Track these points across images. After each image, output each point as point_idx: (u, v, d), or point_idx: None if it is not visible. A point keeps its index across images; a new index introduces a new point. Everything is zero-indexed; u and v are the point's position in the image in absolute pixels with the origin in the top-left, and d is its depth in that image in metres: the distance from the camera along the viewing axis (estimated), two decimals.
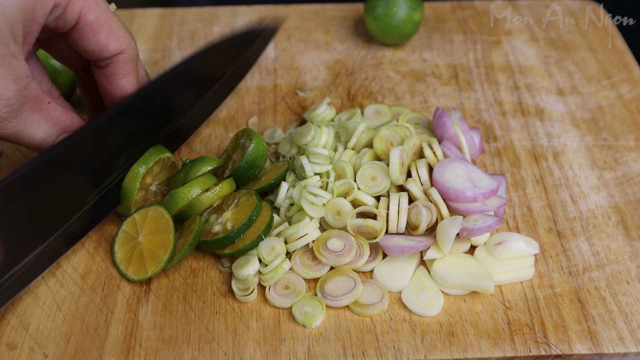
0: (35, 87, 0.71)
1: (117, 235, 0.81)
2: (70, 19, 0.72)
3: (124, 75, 0.79)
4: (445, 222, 0.78)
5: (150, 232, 0.79)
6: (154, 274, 0.77)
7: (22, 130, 0.72)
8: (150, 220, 0.80)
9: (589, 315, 0.76)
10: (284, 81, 1.05)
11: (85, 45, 0.75)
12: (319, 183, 0.83)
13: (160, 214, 0.79)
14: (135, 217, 0.81)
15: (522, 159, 0.93)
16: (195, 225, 0.78)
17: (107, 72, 0.78)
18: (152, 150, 0.82)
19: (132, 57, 0.79)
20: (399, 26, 1.05)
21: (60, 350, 0.73)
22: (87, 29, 0.73)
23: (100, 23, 0.74)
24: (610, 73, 1.07)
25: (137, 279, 0.78)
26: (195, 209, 0.81)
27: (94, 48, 0.75)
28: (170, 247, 0.77)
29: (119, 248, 0.80)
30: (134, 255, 0.79)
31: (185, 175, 0.83)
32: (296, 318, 0.75)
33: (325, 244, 0.79)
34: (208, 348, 0.73)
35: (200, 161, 0.84)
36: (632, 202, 0.88)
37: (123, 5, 1.20)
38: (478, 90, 1.04)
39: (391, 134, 0.86)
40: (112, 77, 0.78)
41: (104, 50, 0.76)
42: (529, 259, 0.80)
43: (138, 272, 0.78)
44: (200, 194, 0.80)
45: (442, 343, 0.74)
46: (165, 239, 0.78)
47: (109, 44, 0.75)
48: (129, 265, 0.79)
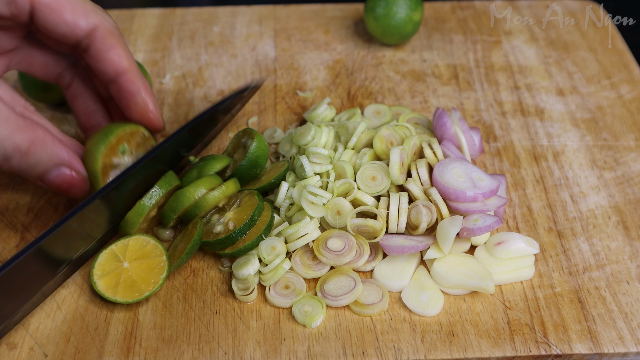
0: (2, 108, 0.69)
1: (93, 267, 0.77)
2: (22, 2, 0.70)
3: (109, 49, 0.76)
4: (445, 222, 0.78)
5: (137, 258, 0.77)
6: (152, 292, 0.75)
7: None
8: (133, 249, 0.78)
9: (589, 315, 0.77)
10: (284, 81, 1.05)
11: (54, 28, 0.73)
12: (319, 183, 0.83)
13: (144, 240, 0.78)
14: (113, 249, 0.78)
15: (522, 159, 0.93)
16: (195, 231, 0.78)
17: (91, 52, 0.76)
18: (161, 184, 0.80)
19: (110, 30, 0.76)
20: (399, 26, 1.05)
21: (60, 350, 0.73)
22: (46, 9, 0.72)
23: (59, 1, 0.72)
24: (610, 73, 1.07)
25: (132, 301, 0.75)
26: (201, 209, 0.80)
27: (64, 29, 0.73)
28: (166, 267, 0.76)
29: (99, 278, 0.76)
30: (122, 281, 0.76)
31: (198, 173, 0.83)
32: (296, 318, 0.75)
33: (325, 244, 0.79)
34: (208, 348, 0.73)
35: (212, 160, 0.84)
36: (632, 202, 0.88)
37: (123, 5, 1.20)
38: (478, 90, 1.04)
39: (391, 134, 0.86)
40: (98, 54, 0.76)
41: (76, 28, 0.74)
42: (529, 258, 0.80)
43: (130, 295, 0.75)
44: (206, 193, 0.80)
45: (442, 343, 0.74)
46: (158, 261, 0.77)
47: (78, 21, 0.74)
48: (117, 292, 0.75)
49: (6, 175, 0.90)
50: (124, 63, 0.78)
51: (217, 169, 0.83)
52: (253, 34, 1.13)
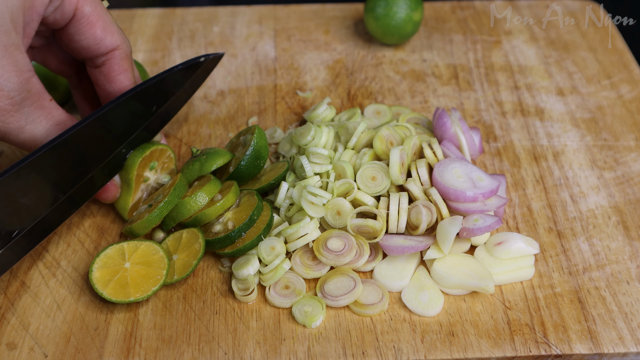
0: (37, 82, 0.71)
1: (98, 256, 0.78)
2: (68, 10, 0.72)
3: (121, 72, 0.79)
4: (445, 222, 0.78)
5: (140, 262, 0.77)
6: (137, 299, 0.75)
7: (24, 126, 0.71)
8: (142, 253, 0.78)
9: (589, 315, 0.77)
10: (284, 81, 1.05)
11: (82, 39, 0.75)
12: (319, 183, 0.83)
13: (154, 249, 0.78)
14: (124, 246, 0.79)
15: (522, 159, 0.93)
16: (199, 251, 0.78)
17: (104, 69, 0.78)
18: (171, 197, 0.80)
19: (127, 53, 0.79)
20: (399, 26, 1.05)
21: (60, 350, 0.73)
22: (83, 21, 0.74)
23: (96, 16, 0.74)
24: (610, 73, 1.07)
25: (115, 300, 0.75)
26: (201, 222, 0.81)
27: (90, 42, 0.76)
28: (161, 282, 0.76)
29: (98, 269, 0.77)
30: (116, 279, 0.76)
31: (200, 167, 0.83)
32: (296, 318, 0.75)
33: (325, 244, 0.79)
34: (208, 348, 0.73)
35: (215, 154, 0.84)
36: (632, 202, 0.88)
37: (123, 5, 1.20)
38: (478, 90, 1.04)
39: (391, 134, 0.86)
40: (110, 74, 0.79)
41: (101, 44, 0.76)
42: (529, 258, 0.80)
43: (117, 294, 0.75)
44: (206, 207, 0.80)
45: (442, 343, 0.74)
46: (156, 273, 0.76)
47: (105, 38, 0.76)
48: (106, 286, 0.75)
49: None
50: (129, 86, 0.80)
51: (219, 164, 0.83)
52: (253, 34, 1.13)
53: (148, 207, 0.81)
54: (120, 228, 0.84)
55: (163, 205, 0.79)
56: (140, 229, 0.79)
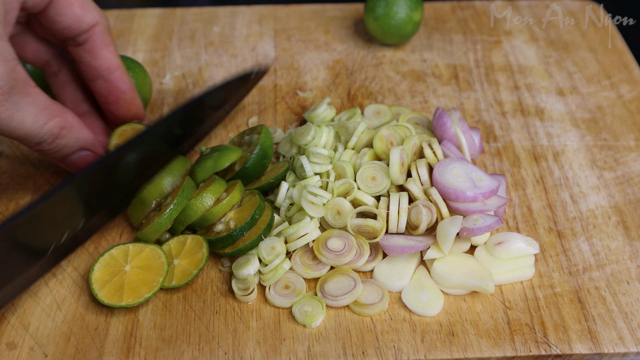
0: (21, 70, 0.71)
1: (102, 255, 0.78)
2: None
3: (104, 46, 0.80)
4: (445, 222, 0.78)
5: (140, 266, 0.77)
6: (128, 305, 0.74)
7: (13, 114, 0.71)
8: (145, 257, 0.78)
9: (589, 315, 0.77)
10: (284, 81, 1.05)
11: (62, 20, 0.76)
12: (319, 183, 0.83)
13: (158, 254, 0.78)
14: (129, 247, 0.79)
15: (522, 159, 0.93)
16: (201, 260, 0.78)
17: (87, 46, 0.79)
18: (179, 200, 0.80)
19: (107, 27, 0.80)
20: (399, 26, 1.05)
21: (60, 350, 0.73)
22: (62, 1, 0.75)
23: None
24: (610, 73, 1.07)
25: (108, 303, 0.74)
26: (208, 221, 0.81)
27: (71, 21, 0.77)
28: (155, 289, 0.75)
29: (100, 268, 0.77)
30: (114, 281, 0.76)
31: (214, 164, 0.83)
32: (296, 318, 0.75)
33: (325, 244, 0.79)
34: (208, 348, 0.73)
35: (227, 150, 0.84)
36: (632, 202, 0.88)
37: (123, 5, 1.20)
38: (478, 90, 1.04)
39: (391, 134, 0.86)
40: (94, 50, 0.80)
41: (82, 21, 0.77)
42: (529, 258, 0.80)
43: (111, 297, 0.75)
44: (212, 206, 0.80)
45: (442, 343, 0.74)
46: (153, 279, 0.76)
47: (85, 15, 0.77)
48: (102, 288, 0.75)
49: (6, 175, 0.91)
50: (116, 61, 0.82)
51: (232, 160, 0.84)
52: (253, 34, 1.13)
53: (157, 211, 0.81)
54: (120, 229, 0.84)
55: (173, 208, 0.79)
56: (151, 233, 0.79)
